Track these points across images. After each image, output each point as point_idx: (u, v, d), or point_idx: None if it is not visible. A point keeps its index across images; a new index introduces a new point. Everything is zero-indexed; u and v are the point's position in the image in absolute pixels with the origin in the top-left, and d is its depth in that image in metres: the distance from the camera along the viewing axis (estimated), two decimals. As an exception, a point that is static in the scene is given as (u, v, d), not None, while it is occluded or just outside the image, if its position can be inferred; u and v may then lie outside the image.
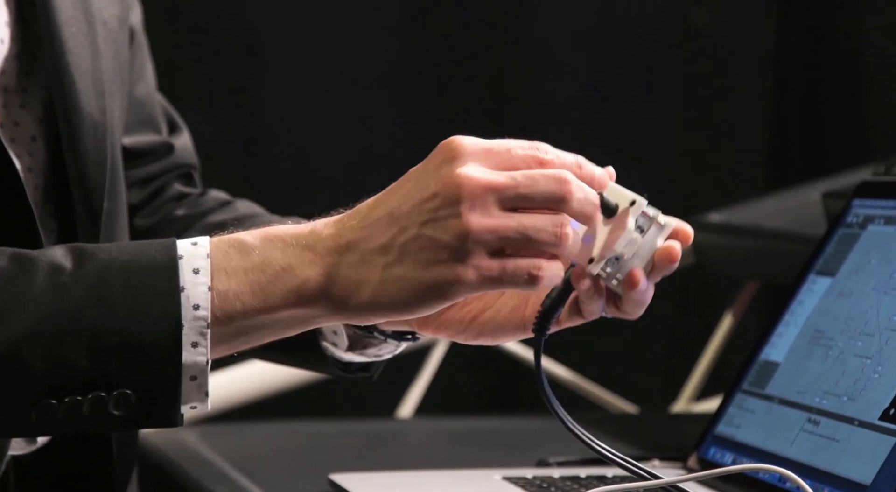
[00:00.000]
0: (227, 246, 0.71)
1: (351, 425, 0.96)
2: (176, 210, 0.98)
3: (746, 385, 0.97)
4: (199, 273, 0.70)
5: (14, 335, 0.68)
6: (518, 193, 0.69)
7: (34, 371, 0.68)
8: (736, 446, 0.94)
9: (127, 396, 0.69)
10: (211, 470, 1.01)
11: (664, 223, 0.72)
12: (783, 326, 0.97)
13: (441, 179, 0.69)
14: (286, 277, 0.70)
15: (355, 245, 0.70)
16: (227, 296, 0.70)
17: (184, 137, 1.01)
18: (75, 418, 0.69)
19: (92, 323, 0.69)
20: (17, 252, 0.71)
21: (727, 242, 1.40)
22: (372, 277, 0.69)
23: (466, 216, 0.68)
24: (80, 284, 0.69)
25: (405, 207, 0.70)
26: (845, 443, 0.85)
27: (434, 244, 0.69)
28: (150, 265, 0.70)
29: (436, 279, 0.69)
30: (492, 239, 0.69)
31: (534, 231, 0.69)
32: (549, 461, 1.00)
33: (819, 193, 1.22)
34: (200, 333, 0.69)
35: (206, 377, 0.70)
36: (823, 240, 0.98)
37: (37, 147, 0.84)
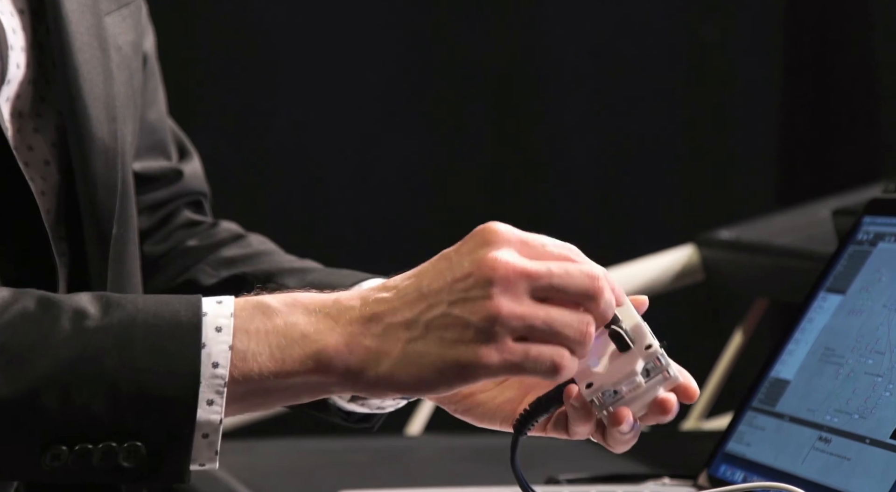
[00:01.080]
0: (252, 307, 0.71)
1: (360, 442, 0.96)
2: (188, 240, 0.98)
3: (757, 403, 0.97)
4: (221, 331, 0.70)
5: (33, 378, 0.68)
6: (551, 283, 0.69)
7: (49, 415, 0.68)
8: (746, 463, 0.94)
9: (137, 448, 0.69)
10: (220, 487, 1.01)
11: (672, 375, 0.72)
12: (793, 344, 0.97)
13: (475, 261, 0.69)
14: (305, 343, 0.70)
15: (380, 317, 0.70)
16: (246, 356, 0.70)
17: (194, 163, 1.01)
18: (84, 467, 0.69)
19: (112, 372, 0.69)
20: (43, 295, 0.71)
21: (737, 259, 1.40)
22: (393, 351, 0.69)
23: (497, 299, 0.69)
24: (103, 332, 0.70)
25: (435, 284, 0.70)
26: (856, 461, 0.84)
27: (460, 323, 0.69)
28: (174, 319, 0.70)
29: (458, 359, 0.69)
30: (519, 326, 0.69)
31: (560, 325, 0.69)
32: (559, 479, 1.00)
33: (829, 211, 1.22)
34: (217, 392, 0.69)
35: (218, 437, 0.70)
36: (833, 257, 0.98)
37: (50, 171, 0.85)
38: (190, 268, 0.97)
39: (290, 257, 0.97)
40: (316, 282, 0.90)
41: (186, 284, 0.96)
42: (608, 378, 0.71)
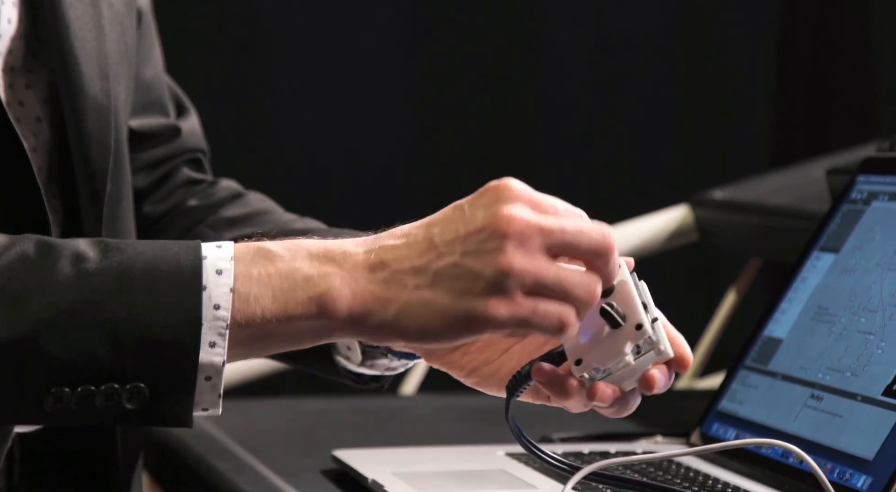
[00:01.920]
0: (253, 252, 0.71)
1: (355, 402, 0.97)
2: (187, 200, 0.98)
3: (750, 361, 0.97)
4: (221, 274, 0.69)
5: (32, 320, 0.68)
6: (564, 240, 0.69)
7: (50, 357, 0.68)
8: (739, 421, 0.94)
9: (140, 389, 0.69)
10: (215, 446, 1.02)
11: (663, 351, 0.72)
12: (786, 303, 0.97)
13: (490, 214, 0.69)
14: (308, 286, 0.69)
15: (385, 264, 0.70)
16: (248, 299, 0.69)
17: (192, 120, 1.00)
18: (87, 410, 0.69)
19: (112, 314, 0.69)
20: (41, 239, 0.71)
21: (731, 220, 1.40)
22: (399, 297, 0.69)
23: (511, 253, 0.68)
24: (103, 274, 0.69)
25: (447, 235, 0.69)
26: (848, 418, 0.85)
27: (471, 275, 0.68)
28: (174, 262, 0.70)
29: (467, 309, 0.68)
30: (530, 281, 0.68)
31: (570, 284, 0.69)
32: (553, 437, 1.00)
33: (823, 170, 1.22)
34: (219, 334, 0.69)
35: (221, 379, 0.70)
36: (827, 216, 0.98)
37: (41, 128, 0.84)
38: (191, 229, 0.96)
39: (290, 216, 0.96)
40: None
41: None
42: (598, 356, 0.71)
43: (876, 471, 0.80)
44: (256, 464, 0.96)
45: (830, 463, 0.83)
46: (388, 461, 0.91)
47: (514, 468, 0.89)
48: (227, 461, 0.96)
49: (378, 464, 0.89)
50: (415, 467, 0.89)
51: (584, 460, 0.91)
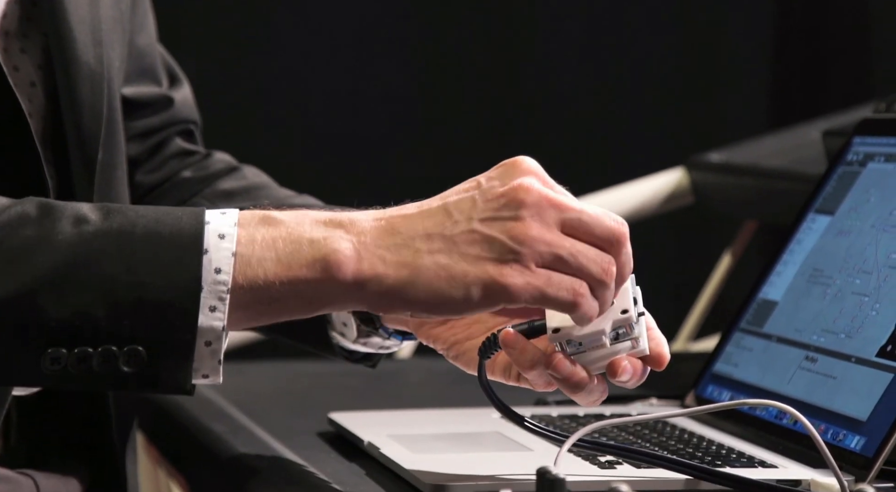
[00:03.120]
0: (257, 219, 0.70)
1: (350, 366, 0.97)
2: (182, 171, 0.97)
3: (744, 324, 0.97)
4: (224, 238, 0.69)
5: (31, 279, 0.68)
6: (581, 218, 0.69)
7: (47, 316, 0.68)
8: (733, 383, 0.94)
9: (138, 352, 0.68)
10: (211, 408, 1.02)
11: (640, 347, 0.72)
12: (782, 265, 0.97)
13: (509, 184, 0.69)
14: (314, 247, 0.68)
15: (396, 229, 0.69)
16: (251, 261, 0.68)
17: (184, 90, 1.00)
18: (85, 372, 0.68)
19: (110, 275, 0.68)
20: (43, 200, 0.71)
21: (727, 182, 1.40)
22: (411, 261, 0.68)
23: (528, 222, 0.68)
24: (103, 235, 0.69)
25: (463, 203, 0.69)
26: (842, 380, 0.85)
27: (488, 240, 0.68)
28: (176, 225, 0.69)
29: (481, 276, 0.67)
30: (545, 252, 0.68)
31: (585, 259, 0.69)
32: (548, 400, 1.01)
33: (819, 132, 1.22)
34: (219, 298, 0.68)
35: (221, 345, 0.69)
36: (823, 178, 0.98)
37: (36, 93, 0.84)
38: (186, 200, 0.96)
39: (287, 192, 0.96)
40: None
41: None
42: (576, 329, 0.71)
43: (869, 432, 0.80)
44: (252, 426, 0.96)
45: (824, 424, 0.83)
46: (384, 424, 0.91)
47: (510, 431, 0.89)
48: (223, 423, 0.97)
49: (374, 426, 0.89)
50: (410, 430, 0.90)
51: (580, 422, 0.92)
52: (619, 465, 0.79)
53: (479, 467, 0.78)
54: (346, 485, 0.80)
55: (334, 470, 0.83)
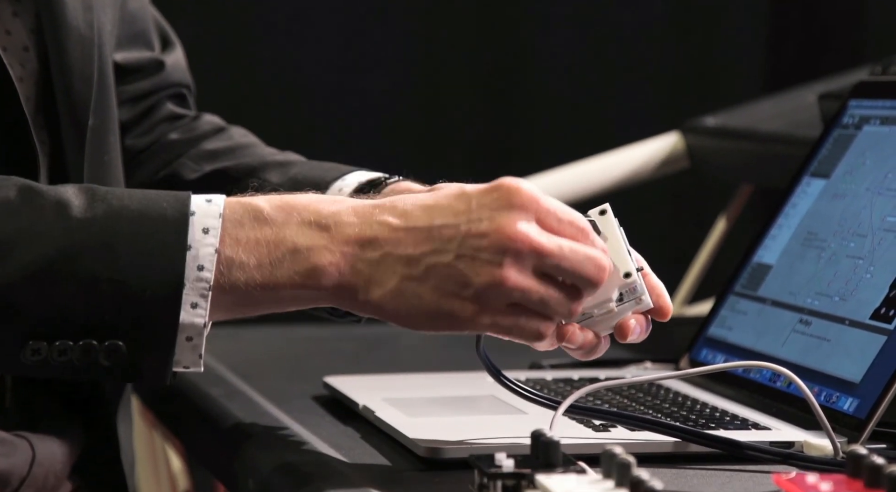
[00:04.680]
0: (242, 211, 0.70)
1: (345, 330, 0.97)
2: (169, 133, 0.97)
3: (739, 288, 0.97)
4: (208, 233, 0.69)
5: (11, 271, 0.68)
6: (559, 265, 0.70)
7: (27, 310, 0.68)
8: (728, 347, 0.95)
9: (118, 347, 0.68)
10: (207, 373, 1.01)
11: (644, 302, 0.73)
12: (776, 229, 0.97)
13: (495, 222, 0.69)
14: (296, 258, 0.69)
15: (378, 244, 0.70)
16: (233, 263, 0.69)
17: (177, 54, 0.99)
18: (65, 364, 0.69)
19: (92, 269, 0.68)
20: (26, 184, 0.70)
21: (722, 146, 1.39)
22: (387, 282, 0.69)
23: (506, 269, 0.69)
24: (86, 227, 0.68)
25: (447, 231, 0.69)
26: (836, 342, 0.85)
27: (463, 280, 0.69)
28: (161, 218, 0.68)
29: (451, 311, 0.69)
30: (517, 296, 0.70)
31: (554, 305, 0.70)
32: (542, 364, 1.01)
33: (815, 95, 1.21)
34: (201, 295, 0.68)
35: (202, 341, 0.70)
36: (819, 142, 0.98)
37: (29, 57, 0.83)
38: (172, 162, 0.96)
39: (271, 150, 0.96)
40: (299, 176, 0.90)
41: (168, 179, 0.95)
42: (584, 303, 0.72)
43: (862, 394, 0.80)
44: (248, 390, 0.96)
45: (817, 386, 0.83)
46: (379, 387, 0.91)
47: (505, 394, 0.90)
48: (219, 387, 0.97)
49: (369, 390, 0.90)
50: (405, 393, 0.90)
51: (575, 385, 0.92)
52: (613, 428, 0.79)
53: (473, 430, 0.78)
54: (342, 448, 0.80)
55: (329, 434, 0.83)
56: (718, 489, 0.72)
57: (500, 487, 0.64)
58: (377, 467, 0.77)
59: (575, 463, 0.65)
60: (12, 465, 0.85)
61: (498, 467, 0.64)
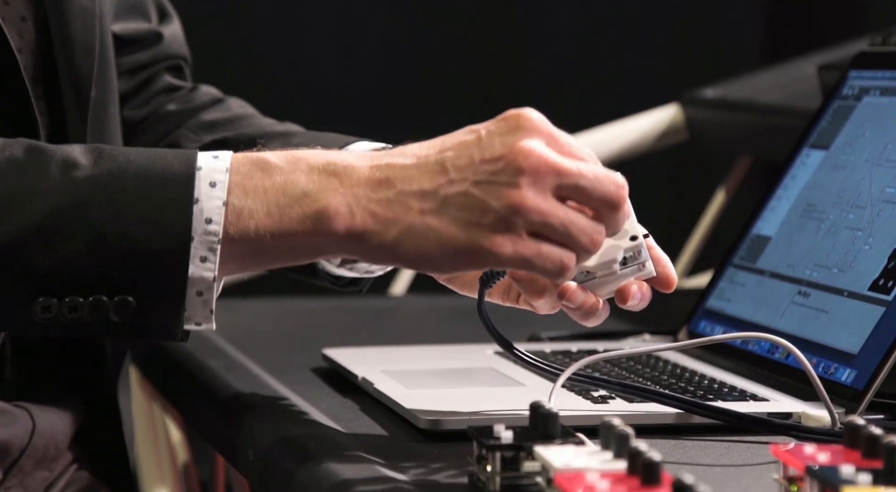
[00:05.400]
0: (250, 164, 0.69)
1: (344, 302, 0.97)
2: (167, 105, 0.96)
3: (738, 259, 0.97)
4: (215, 187, 0.68)
5: (19, 227, 0.67)
6: (578, 184, 0.68)
7: (36, 265, 0.67)
8: (726, 319, 0.95)
9: (128, 303, 0.68)
10: (205, 344, 1.02)
11: (647, 269, 0.73)
12: (775, 201, 0.97)
13: (508, 145, 0.67)
14: (306, 202, 0.68)
15: (391, 183, 0.68)
16: (242, 212, 0.68)
17: (174, 26, 0.99)
18: (75, 321, 0.68)
19: (99, 223, 0.67)
20: (32, 143, 0.70)
21: (721, 118, 1.39)
22: (402, 220, 0.67)
23: (524, 190, 0.67)
24: (92, 182, 0.68)
25: (461, 161, 0.68)
26: (834, 314, 0.85)
27: (481, 206, 0.67)
28: (167, 172, 0.68)
29: (471, 242, 0.67)
30: (537, 221, 0.67)
31: (576, 230, 0.68)
32: (541, 336, 1.01)
33: (815, 66, 1.21)
34: (210, 249, 0.68)
35: (213, 295, 0.69)
36: (818, 113, 0.97)
37: (27, 28, 0.83)
38: (170, 133, 0.95)
39: (270, 121, 0.96)
40: (301, 145, 0.89)
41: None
42: (588, 260, 0.72)
43: (860, 365, 0.81)
44: (247, 362, 0.96)
45: (816, 358, 0.83)
46: (378, 360, 0.91)
47: (504, 367, 0.90)
48: (218, 359, 0.97)
49: (368, 362, 0.90)
50: (404, 365, 0.90)
51: (573, 357, 0.92)
52: (611, 400, 0.79)
53: (472, 402, 0.79)
54: (341, 420, 0.80)
55: (328, 405, 0.84)
56: (716, 460, 0.73)
57: (499, 458, 0.64)
58: (376, 438, 0.77)
59: (573, 435, 0.65)
60: (12, 435, 0.85)
61: (496, 438, 0.65)
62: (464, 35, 2.04)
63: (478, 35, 2.04)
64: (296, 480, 0.73)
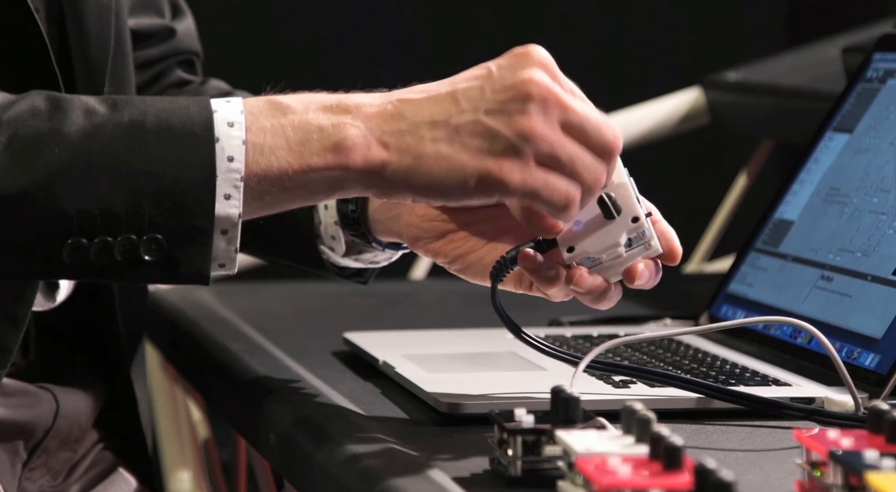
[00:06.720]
0: (263, 104, 0.70)
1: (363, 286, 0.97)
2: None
3: (760, 244, 0.97)
4: (233, 126, 0.69)
5: (47, 170, 0.68)
6: (581, 122, 0.69)
7: (66, 207, 0.68)
8: (748, 303, 0.94)
9: (159, 241, 0.69)
10: (227, 328, 1.02)
11: (653, 247, 0.73)
12: (798, 184, 0.96)
13: (518, 75, 0.69)
14: (323, 136, 0.69)
15: (402, 115, 0.69)
16: (263, 149, 0.69)
17: (187, 21, 0.99)
18: (106, 262, 0.69)
19: (126, 164, 0.68)
20: (50, 93, 0.71)
21: (744, 101, 1.38)
22: (414, 148, 0.69)
23: (534, 118, 0.68)
24: (115, 125, 0.69)
25: (471, 92, 0.69)
26: (858, 298, 0.85)
27: (491, 133, 0.68)
28: (185, 115, 0.69)
29: (481, 169, 0.68)
30: (546, 150, 0.69)
31: (582, 164, 0.69)
32: (562, 321, 1.01)
33: (839, 49, 1.20)
34: (234, 186, 0.69)
35: (237, 233, 0.70)
36: (842, 96, 0.97)
37: (40, 19, 0.83)
38: None
39: None
40: None
41: None
42: (591, 245, 0.72)
43: (884, 349, 0.80)
44: (268, 345, 0.96)
45: (839, 342, 0.83)
46: (399, 344, 0.91)
47: (524, 351, 0.90)
48: (239, 342, 0.97)
49: (388, 346, 0.90)
50: (425, 350, 0.90)
51: (594, 342, 0.92)
52: (632, 384, 0.79)
53: (493, 386, 0.78)
54: (362, 404, 0.80)
55: (349, 389, 0.84)
56: (739, 445, 0.72)
57: (520, 442, 0.64)
58: (396, 422, 0.77)
59: (595, 419, 0.65)
60: (37, 416, 0.86)
61: (518, 422, 0.64)
62: (484, 15, 2.03)
63: (499, 15, 2.03)
64: (316, 462, 0.73)
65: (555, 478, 0.63)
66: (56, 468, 0.88)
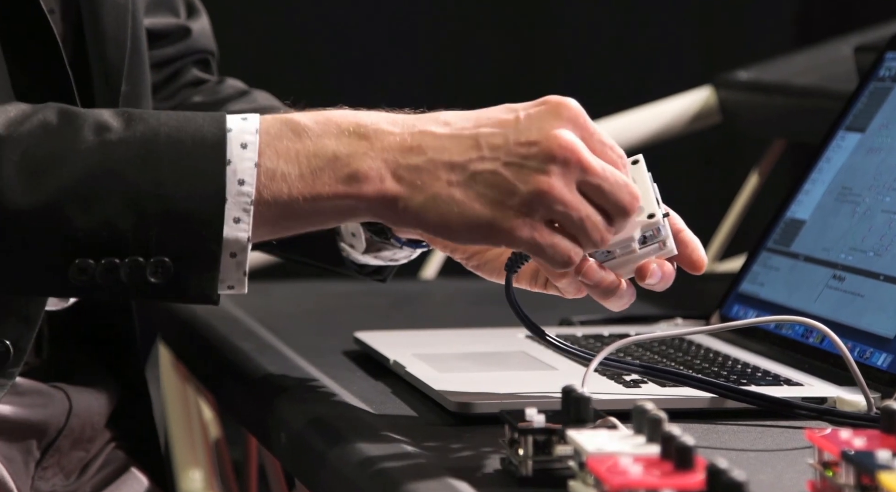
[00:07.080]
0: (279, 125, 0.70)
1: (374, 286, 0.97)
2: (193, 97, 0.97)
3: (772, 243, 0.96)
4: (246, 148, 0.69)
5: (55, 189, 0.68)
6: (600, 186, 0.69)
7: (73, 227, 0.68)
8: (759, 303, 0.94)
9: (165, 264, 0.68)
10: (239, 327, 1.03)
11: (668, 247, 0.73)
12: (810, 184, 0.96)
13: (544, 132, 0.69)
14: (337, 165, 0.69)
15: (421, 150, 0.69)
16: (275, 175, 0.69)
17: (202, 20, 1.00)
18: (112, 282, 0.69)
19: (135, 185, 0.68)
20: (64, 107, 0.70)
21: (755, 100, 1.38)
22: (429, 187, 0.69)
23: (553, 178, 0.68)
24: (126, 144, 0.69)
25: (496, 139, 0.69)
26: (870, 298, 0.84)
27: (508, 188, 0.68)
28: (199, 134, 0.69)
29: (492, 220, 0.69)
30: (558, 210, 0.69)
31: (590, 225, 0.70)
32: (572, 320, 1.01)
33: (851, 48, 1.20)
34: (244, 209, 0.68)
35: (247, 256, 0.69)
36: (854, 95, 0.96)
37: (54, 20, 0.83)
38: None
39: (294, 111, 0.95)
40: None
41: None
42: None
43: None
44: (279, 345, 0.97)
45: (851, 342, 0.83)
46: (410, 343, 0.91)
47: (535, 350, 0.90)
48: (250, 341, 0.97)
49: (399, 346, 0.90)
50: (436, 349, 0.90)
51: (605, 341, 0.92)
52: (643, 384, 0.79)
53: (504, 385, 0.78)
54: (373, 403, 0.80)
55: (360, 388, 0.84)
56: (750, 445, 0.72)
57: (531, 442, 0.64)
58: (407, 421, 0.77)
59: (606, 418, 0.65)
60: (50, 415, 0.86)
61: (528, 422, 0.64)
62: (495, 14, 2.03)
63: (510, 16, 2.03)
64: (327, 461, 0.73)
65: (566, 478, 0.63)
66: (69, 468, 0.88)
